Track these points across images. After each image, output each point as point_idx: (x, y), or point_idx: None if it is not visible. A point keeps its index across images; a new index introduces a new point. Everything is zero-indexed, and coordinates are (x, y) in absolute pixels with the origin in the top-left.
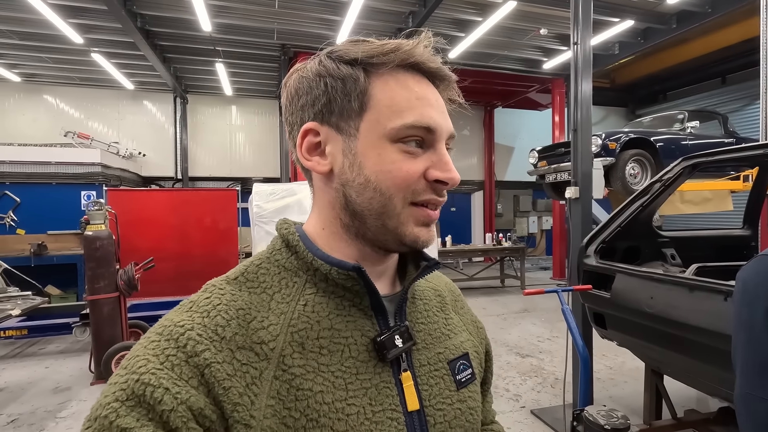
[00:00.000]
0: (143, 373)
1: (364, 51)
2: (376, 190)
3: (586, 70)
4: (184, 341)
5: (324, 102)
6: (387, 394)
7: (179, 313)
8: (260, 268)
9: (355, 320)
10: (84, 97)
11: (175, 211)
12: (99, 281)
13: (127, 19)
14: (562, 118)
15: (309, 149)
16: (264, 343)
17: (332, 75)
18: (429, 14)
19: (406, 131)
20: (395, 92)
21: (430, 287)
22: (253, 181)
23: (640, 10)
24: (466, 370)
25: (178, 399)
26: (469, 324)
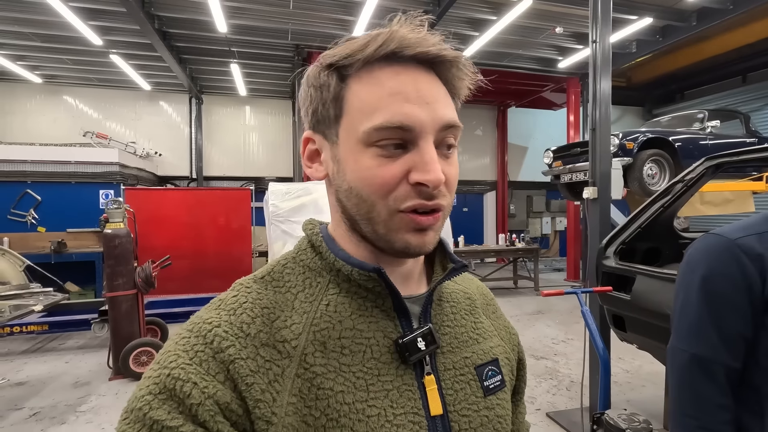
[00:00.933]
0: (174, 368)
1: (337, 53)
2: (358, 197)
3: (605, 68)
4: (211, 338)
5: (312, 111)
6: (409, 397)
7: (209, 310)
8: (286, 267)
9: (377, 321)
10: (102, 98)
11: (190, 210)
12: (117, 278)
13: (145, 20)
14: (577, 117)
15: (310, 157)
16: (286, 342)
17: (312, 83)
18: (443, 13)
19: (377, 134)
20: (366, 92)
21: (460, 290)
22: (266, 181)
23: (659, 8)
24: (494, 377)
25: (206, 393)
26: (501, 329)
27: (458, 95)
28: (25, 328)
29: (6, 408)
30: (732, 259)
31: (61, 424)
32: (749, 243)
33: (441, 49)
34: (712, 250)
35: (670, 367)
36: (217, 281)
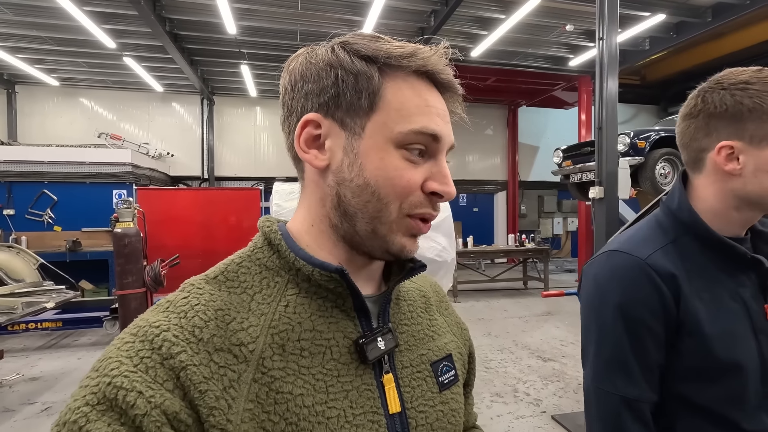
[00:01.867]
0: (115, 375)
1: (383, 50)
2: (374, 195)
3: (611, 66)
4: (159, 342)
5: (332, 94)
6: (368, 396)
7: (155, 313)
8: (241, 267)
9: (337, 321)
10: (116, 100)
11: (200, 210)
12: (127, 277)
13: (156, 23)
14: (589, 116)
15: (307, 141)
16: (243, 345)
17: (345, 68)
18: (451, 12)
19: (413, 137)
20: (406, 97)
21: (415, 288)
22: (276, 181)
23: (673, 4)
24: (449, 372)
25: (152, 403)
26: (453, 325)
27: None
28: (40, 325)
29: (20, 402)
30: (646, 282)
31: None
32: (659, 261)
33: (458, 83)
34: (622, 271)
35: (594, 410)
36: None
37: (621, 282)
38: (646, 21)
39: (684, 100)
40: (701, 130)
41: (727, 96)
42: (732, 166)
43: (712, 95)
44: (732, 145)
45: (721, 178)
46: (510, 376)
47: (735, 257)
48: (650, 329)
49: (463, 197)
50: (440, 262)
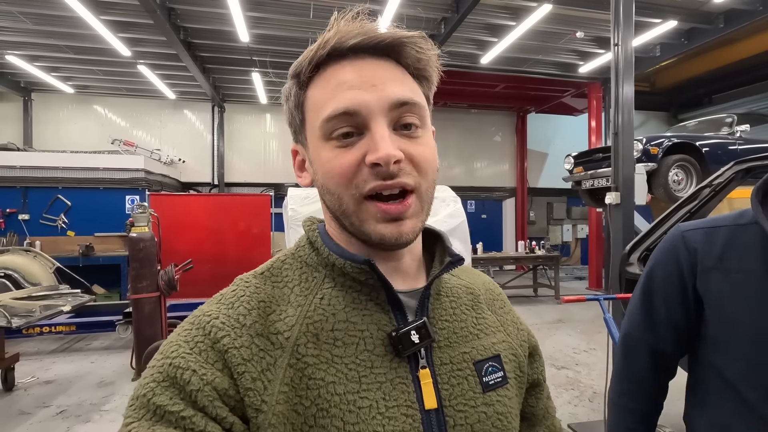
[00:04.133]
0: (175, 357)
1: (294, 65)
2: (328, 192)
3: (627, 72)
4: (209, 329)
5: (289, 122)
6: (402, 390)
7: (210, 304)
8: (284, 263)
9: (371, 314)
10: (130, 107)
11: (211, 216)
12: (141, 281)
13: (171, 32)
14: (599, 123)
15: (299, 167)
16: (279, 333)
17: (285, 97)
18: (462, 20)
19: (328, 125)
20: (319, 92)
21: (463, 285)
22: (285, 187)
23: (685, 10)
24: (495, 373)
25: (204, 380)
26: (508, 324)
27: (425, 77)
28: (54, 329)
29: (35, 405)
30: (672, 250)
31: (86, 422)
32: (693, 236)
33: (381, 34)
34: (665, 241)
35: (620, 351)
36: None
37: (659, 248)
38: (658, 27)
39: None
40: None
41: None
42: None
43: None
44: None
45: None
46: None
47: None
48: (663, 291)
49: (472, 204)
50: None
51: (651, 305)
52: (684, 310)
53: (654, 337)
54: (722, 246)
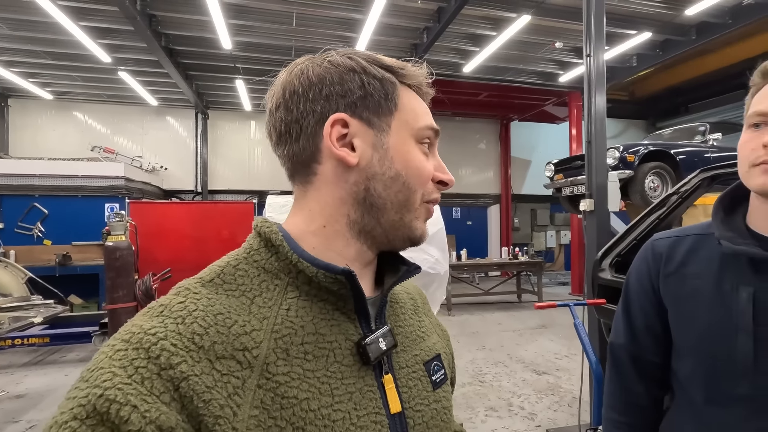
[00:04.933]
0: (108, 387)
1: (396, 63)
2: (404, 185)
3: (599, 82)
4: (157, 352)
5: (359, 95)
6: (371, 397)
7: (149, 318)
8: (237, 269)
9: (339, 324)
10: (111, 114)
11: (193, 224)
12: (118, 291)
13: (152, 38)
14: (579, 131)
15: (340, 138)
16: (247, 350)
17: (370, 74)
18: (443, 30)
19: (426, 132)
20: (415, 100)
21: (403, 290)
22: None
23: (658, 23)
24: (439, 371)
25: (147, 418)
26: (436, 326)
27: None
28: (26, 341)
29: (3, 421)
30: (643, 258)
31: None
32: (661, 244)
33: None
34: (640, 250)
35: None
36: None
37: (635, 257)
38: (633, 39)
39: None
40: None
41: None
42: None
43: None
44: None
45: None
46: (504, 390)
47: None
48: (637, 297)
49: (457, 210)
50: (433, 275)
51: (630, 313)
52: (658, 316)
53: (636, 345)
54: (685, 253)
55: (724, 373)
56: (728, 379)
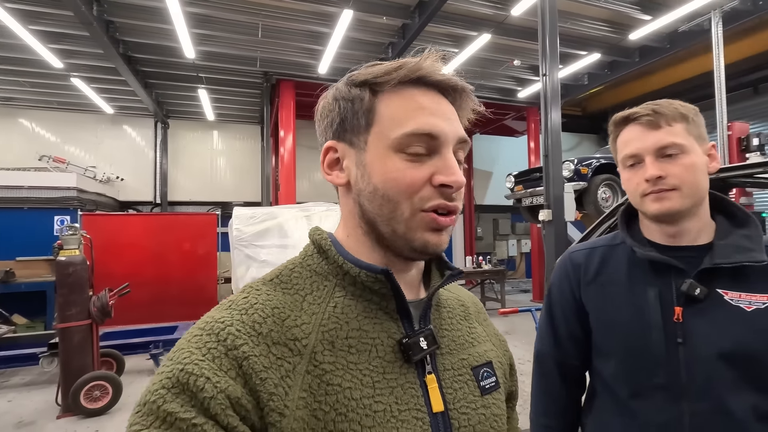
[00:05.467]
0: (187, 363)
1: (370, 73)
2: (384, 197)
3: (554, 99)
4: (224, 335)
5: (338, 121)
6: (412, 394)
7: (220, 310)
8: (293, 271)
9: (381, 322)
10: (61, 121)
11: (152, 236)
12: (70, 308)
13: (109, 45)
14: (537, 144)
15: (330, 165)
16: (297, 340)
17: (344, 97)
18: (407, 46)
19: (408, 139)
20: (397, 105)
21: (454, 297)
22: (233, 206)
23: (606, 45)
24: (489, 378)
25: (218, 387)
26: (492, 336)
27: (462, 122)
28: None
29: None
30: (563, 269)
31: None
32: (577, 256)
33: (458, 81)
34: (558, 261)
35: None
36: (181, 309)
37: (554, 269)
38: (584, 59)
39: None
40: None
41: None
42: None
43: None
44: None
45: None
46: None
47: (653, 262)
48: (560, 306)
49: None
50: None
51: (553, 321)
52: (578, 322)
53: (560, 351)
54: (598, 263)
55: (644, 367)
56: (647, 372)
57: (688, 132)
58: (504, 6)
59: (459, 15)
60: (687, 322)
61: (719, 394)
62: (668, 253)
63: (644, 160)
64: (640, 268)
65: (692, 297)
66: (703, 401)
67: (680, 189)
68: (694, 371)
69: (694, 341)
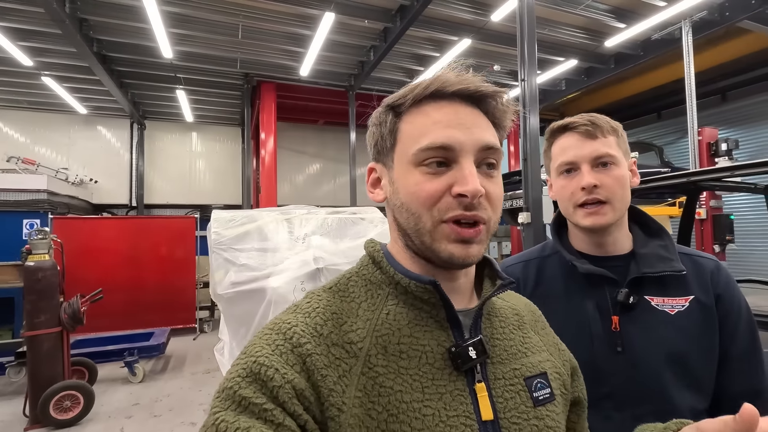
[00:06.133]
0: (260, 356)
1: (393, 96)
2: (408, 211)
3: (533, 104)
4: (290, 334)
5: (373, 144)
6: (461, 401)
7: (287, 314)
8: (350, 280)
9: (431, 331)
10: (31, 122)
11: (128, 240)
12: (39, 315)
13: (82, 43)
14: (517, 147)
15: (373, 184)
16: (353, 343)
17: (375, 123)
18: (389, 49)
19: (423, 154)
20: (415, 123)
21: (509, 306)
22: (213, 209)
23: (583, 51)
24: (543, 389)
25: (285, 378)
26: (550, 345)
27: (501, 126)
28: None
29: None
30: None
31: None
32: (514, 269)
33: (479, 86)
34: None
35: None
36: (158, 315)
37: None
38: (562, 65)
39: None
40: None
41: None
42: (551, 194)
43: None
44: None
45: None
46: None
47: (586, 274)
48: None
49: None
50: None
51: None
52: None
53: None
54: (535, 276)
55: (592, 378)
56: (595, 382)
57: (618, 145)
58: (484, 11)
59: (440, 20)
60: (623, 330)
61: (659, 397)
62: (599, 264)
63: (580, 168)
64: (575, 279)
65: (627, 305)
66: (645, 405)
67: (611, 203)
68: (635, 377)
69: (632, 348)
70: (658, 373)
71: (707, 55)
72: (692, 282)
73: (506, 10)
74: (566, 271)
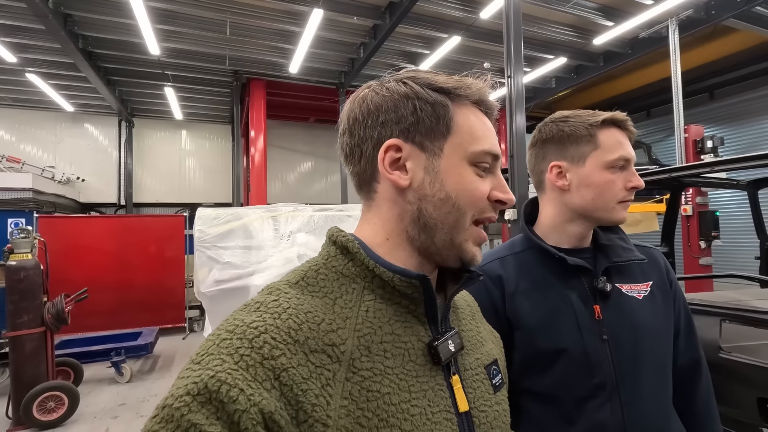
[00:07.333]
0: (219, 371)
1: (450, 83)
2: (454, 206)
3: (519, 102)
4: (260, 343)
5: (412, 122)
6: (442, 396)
7: (248, 313)
8: (319, 273)
9: (411, 326)
10: (16, 119)
11: (116, 239)
12: (22, 315)
13: (67, 40)
14: (506, 145)
15: (392, 163)
16: (335, 346)
17: (422, 98)
18: (379, 46)
19: (482, 156)
20: (472, 121)
21: (461, 297)
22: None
23: (571, 49)
24: (497, 375)
25: (252, 401)
26: (490, 333)
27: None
28: None
29: None
30: (480, 285)
31: None
32: (492, 266)
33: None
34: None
35: None
36: (147, 314)
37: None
38: (551, 63)
39: None
40: (539, 156)
41: (553, 127)
42: (561, 182)
43: (544, 127)
44: (559, 165)
45: (557, 194)
46: None
47: (565, 265)
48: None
49: None
50: None
51: None
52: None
53: None
54: (515, 272)
55: (583, 369)
56: (586, 372)
57: None
58: (473, 9)
59: (429, 17)
60: (605, 318)
61: (644, 380)
62: (576, 256)
63: (629, 167)
64: (553, 272)
65: (605, 293)
66: (633, 390)
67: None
68: (621, 363)
69: (614, 335)
70: (638, 357)
71: (695, 54)
72: (648, 269)
73: (495, 7)
74: (543, 265)
